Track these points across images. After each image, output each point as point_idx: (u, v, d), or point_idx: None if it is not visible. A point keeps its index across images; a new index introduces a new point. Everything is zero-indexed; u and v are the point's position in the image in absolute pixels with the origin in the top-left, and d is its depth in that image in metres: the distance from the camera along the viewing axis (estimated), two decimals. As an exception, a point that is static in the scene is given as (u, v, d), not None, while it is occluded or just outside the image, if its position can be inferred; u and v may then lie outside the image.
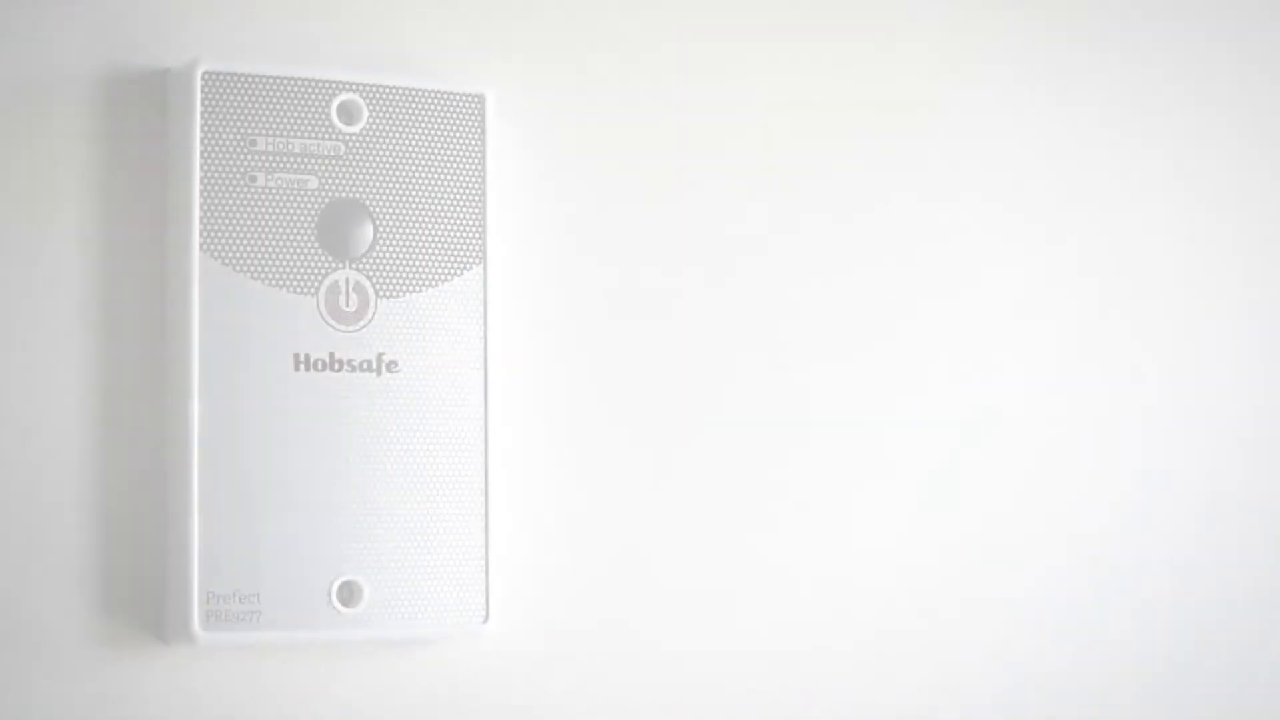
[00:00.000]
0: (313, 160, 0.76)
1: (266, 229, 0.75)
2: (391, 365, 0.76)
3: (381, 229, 0.76)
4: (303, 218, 0.75)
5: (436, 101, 0.78)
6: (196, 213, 0.74)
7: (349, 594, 0.75)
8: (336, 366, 0.75)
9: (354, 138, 0.76)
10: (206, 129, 0.74)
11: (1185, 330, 0.95)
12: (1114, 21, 0.94)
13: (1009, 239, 0.91)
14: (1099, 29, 0.94)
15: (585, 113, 0.83)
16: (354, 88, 0.76)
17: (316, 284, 0.75)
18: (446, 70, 0.80)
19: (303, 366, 0.75)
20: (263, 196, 0.75)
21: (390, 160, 0.77)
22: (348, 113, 0.76)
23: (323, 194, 0.76)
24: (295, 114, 0.75)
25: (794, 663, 0.85)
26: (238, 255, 0.74)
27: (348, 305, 0.76)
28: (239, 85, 0.74)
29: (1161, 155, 0.95)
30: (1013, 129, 0.91)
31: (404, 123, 0.77)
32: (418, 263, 0.77)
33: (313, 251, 0.75)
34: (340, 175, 0.76)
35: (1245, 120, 0.97)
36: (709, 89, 0.85)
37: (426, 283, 0.77)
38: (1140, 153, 0.95)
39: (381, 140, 0.77)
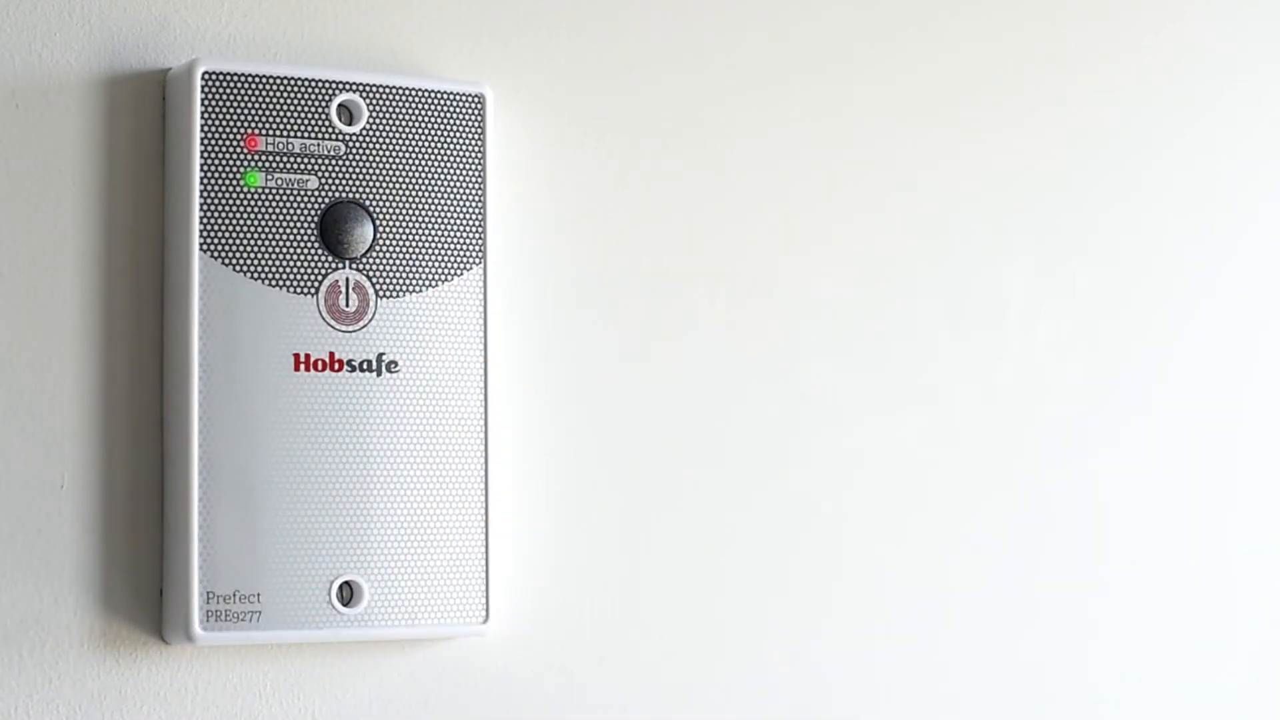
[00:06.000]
0: (313, 160, 0.76)
1: (266, 229, 0.75)
2: (391, 365, 0.76)
3: (381, 229, 0.76)
4: (303, 218, 0.75)
5: (436, 101, 0.78)
6: (196, 213, 0.74)
7: (349, 594, 0.75)
8: (336, 366, 0.75)
9: (354, 138, 0.76)
10: (206, 129, 0.74)
11: (1188, 332, 0.95)
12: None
13: (1005, 232, 0.91)
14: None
15: (585, 112, 0.83)
16: (354, 88, 0.76)
17: (316, 284, 0.75)
18: (446, 70, 0.80)
19: (303, 366, 0.75)
20: (263, 196, 0.75)
21: (390, 160, 0.77)
22: (348, 113, 0.76)
23: (323, 194, 0.76)
24: (295, 114, 0.75)
25: (795, 661, 0.85)
26: (238, 255, 0.74)
27: (348, 305, 0.76)
28: (239, 85, 0.74)
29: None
30: (1012, 137, 0.92)
31: (404, 123, 0.77)
32: (418, 263, 0.77)
33: (313, 251, 0.75)
34: (340, 175, 0.76)
35: None
36: (710, 89, 0.85)
37: (426, 283, 0.77)
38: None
39: (381, 140, 0.77)
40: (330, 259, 0.76)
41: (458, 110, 0.78)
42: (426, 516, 0.76)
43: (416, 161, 0.77)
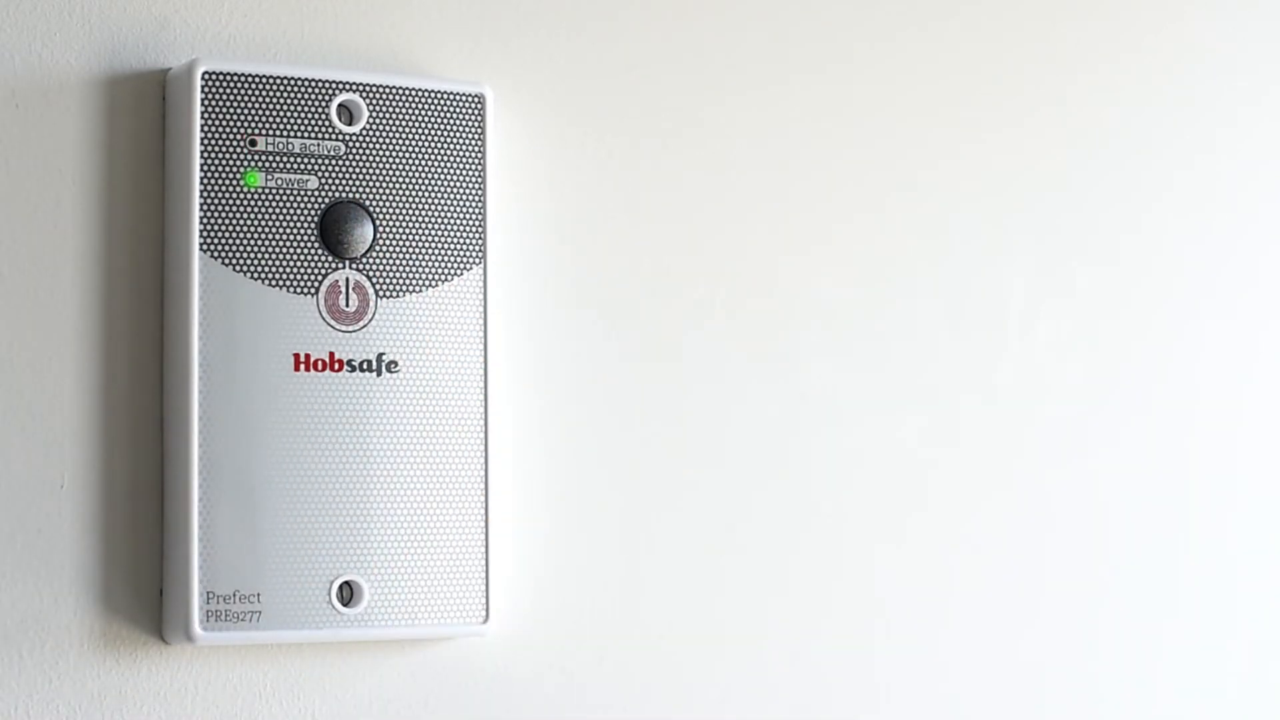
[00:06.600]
0: (313, 160, 0.76)
1: (266, 229, 0.75)
2: (391, 365, 0.76)
3: (381, 229, 0.76)
4: (303, 218, 0.75)
5: (436, 101, 0.78)
6: (196, 213, 0.74)
7: (349, 594, 0.75)
8: (336, 366, 0.75)
9: (354, 138, 0.76)
10: (206, 129, 0.74)
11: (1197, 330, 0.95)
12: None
13: (1005, 232, 0.91)
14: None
15: (585, 112, 0.83)
16: (354, 88, 0.76)
17: (316, 284, 0.75)
18: (446, 70, 0.80)
19: (303, 366, 0.75)
20: (263, 196, 0.75)
21: (390, 160, 0.77)
22: (348, 113, 0.76)
23: (323, 194, 0.76)
24: (295, 114, 0.75)
25: (795, 661, 0.85)
26: (238, 255, 0.74)
27: (348, 305, 0.76)
28: (239, 85, 0.74)
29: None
30: (1014, 137, 0.92)
31: (404, 123, 0.77)
32: (418, 263, 0.77)
33: (313, 251, 0.75)
34: (340, 175, 0.76)
35: None
36: (710, 89, 0.85)
37: (426, 283, 0.77)
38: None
39: (381, 140, 0.77)
40: (330, 259, 0.76)
41: (458, 110, 0.78)
42: (426, 516, 0.76)
43: (416, 161, 0.77)
